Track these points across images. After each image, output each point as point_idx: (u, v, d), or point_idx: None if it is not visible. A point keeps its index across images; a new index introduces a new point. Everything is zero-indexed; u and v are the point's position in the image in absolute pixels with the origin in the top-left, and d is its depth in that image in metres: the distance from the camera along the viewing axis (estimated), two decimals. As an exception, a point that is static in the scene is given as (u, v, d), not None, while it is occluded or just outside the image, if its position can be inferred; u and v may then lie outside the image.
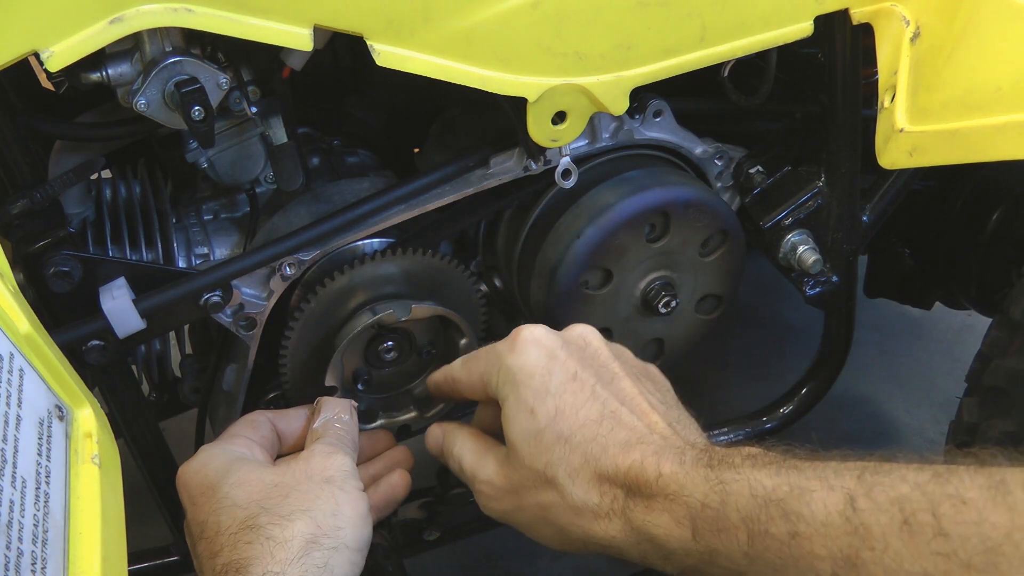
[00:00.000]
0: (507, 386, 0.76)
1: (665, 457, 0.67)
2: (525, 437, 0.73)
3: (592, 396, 0.73)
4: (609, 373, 0.76)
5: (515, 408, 0.74)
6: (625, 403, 0.73)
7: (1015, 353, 0.97)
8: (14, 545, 0.49)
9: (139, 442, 1.01)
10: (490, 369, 0.79)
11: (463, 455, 0.82)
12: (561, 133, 0.93)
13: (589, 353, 0.77)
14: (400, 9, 0.81)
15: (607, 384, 0.74)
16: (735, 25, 0.93)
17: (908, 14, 0.93)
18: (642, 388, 0.76)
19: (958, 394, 1.06)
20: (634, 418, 0.71)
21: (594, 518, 0.69)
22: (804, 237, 1.11)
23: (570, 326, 0.80)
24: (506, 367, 0.76)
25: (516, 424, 0.74)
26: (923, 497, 0.54)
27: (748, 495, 0.61)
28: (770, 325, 1.91)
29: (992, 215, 1.24)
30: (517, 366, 0.75)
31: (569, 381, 0.73)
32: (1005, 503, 0.51)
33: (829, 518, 0.57)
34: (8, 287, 0.62)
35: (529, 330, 0.77)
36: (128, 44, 0.81)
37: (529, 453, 0.72)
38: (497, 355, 0.78)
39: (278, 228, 0.99)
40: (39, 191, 0.85)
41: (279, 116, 0.98)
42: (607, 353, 0.78)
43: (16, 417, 0.54)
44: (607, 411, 0.72)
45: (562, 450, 0.71)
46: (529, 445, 0.72)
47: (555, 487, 0.71)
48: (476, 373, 0.81)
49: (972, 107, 0.87)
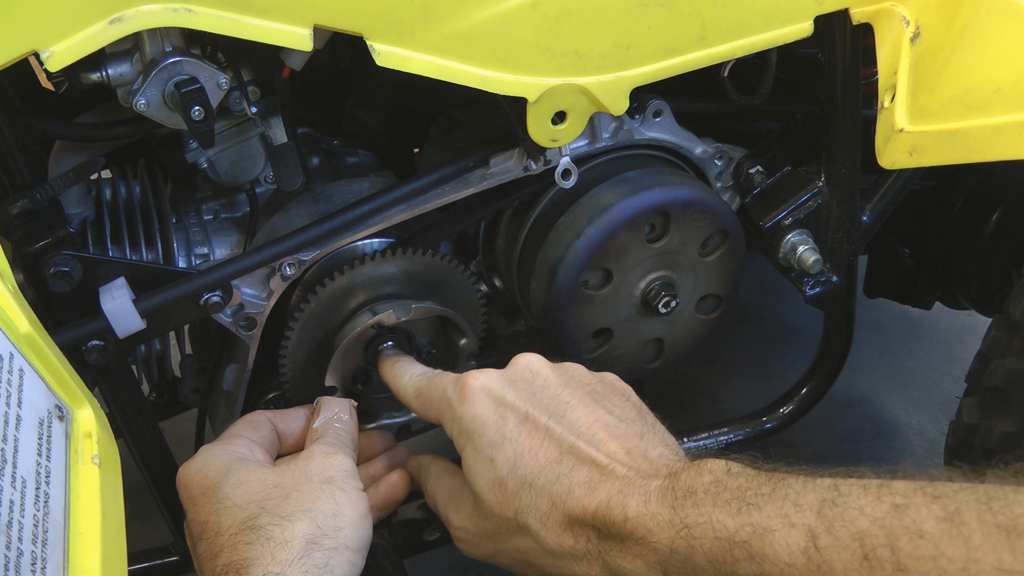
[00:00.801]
0: (462, 437, 0.75)
1: (630, 496, 0.66)
2: (490, 487, 0.72)
3: (547, 435, 0.71)
4: (561, 405, 0.74)
5: (474, 459, 0.74)
6: (581, 436, 0.71)
7: (1015, 353, 0.97)
8: (14, 545, 0.49)
9: (139, 442, 1.01)
10: (442, 416, 0.78)
11: (436, 494, 0.82)
12: (561, 133, 0.93)
13: (538, 386, 0.76)
14: (400, 9, 0.81)
15: (560, 418, 0.73)
16: (735, 25, 0.93)
17: (908, 14, 0.93)
18: (597, 412, 0.73)
19: (958, 394, 1.06)
20: (592, 450, 0.70)
21: (573, 560, 0.69)
22: (804, 237, 1.11)
23: (515, 357, 0.79)
24: (458, 418, 0.75)
25: (478, 475, 0.73)
26: (881, 532, 0.55)
27: (712, 538, 0.61)
28: (770, 325, 1.91)
29: (992, 215, 1.24)
30: (468, 416, 0.74)
31: (522, 423, 0.72)
32: (960, 535, 0.52)
33: (792, 557, 0.57)
34: (8, 287, 0.62)
35: (475, 377, 0.76)
36: (128, 44, 0.81)
37: (497, 502, 0.72)
38: (448, 404, 0.77)
39: (278, 228, 0.99)
40: (39, 191, 0.85)
41: (279, 116, 0.98)
42: (556, 381, 0.76)
43: (16, 417, 0.54)
44: (564, 448, 0.71)
45: (528, 496, 0.70)
46: (495, 494, 0.72)
47: (529, 533, 0.70)
48: (431, 413, 0.81)
49: (972, 107, 0.87)
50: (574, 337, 1.05)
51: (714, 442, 1.26)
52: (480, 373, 0.77)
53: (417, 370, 0.87)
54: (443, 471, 0.83)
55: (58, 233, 0.86)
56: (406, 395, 0.85)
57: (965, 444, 1.03)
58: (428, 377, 0.83)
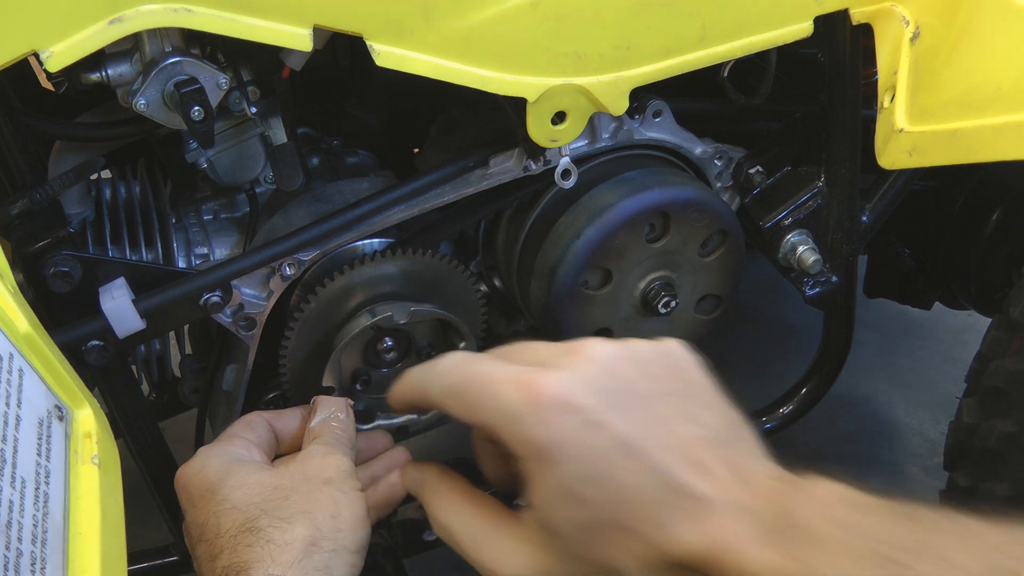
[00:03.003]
0: (534, 462, 0.59)
1: (742, 535, 0.56)
2: (577, 529, 0.59)
3: (650, 468, 0.58)
4: (655, 420, 0.60)
5: (555, 495, 0.59)
6: (683, 462, 0.59)
7: (1015, 353, 0.97)
8: (13, 545, 0.49)
9: (139, 442, 1.01)
10: (498, 427, 0.61)
11: (455, 528, 0.67)
12: (561, 133, 0.93)
13: (623, 392, 0.61)
14: (400, 9, 0.81)
15: (659, 440, 0.59)
16: (735, 25, 0.93)
17: (908, 14, 0.93)
18: (691, 427, 0.61)
19: (958, 394, 1.06)
20: (694, 477, 0.58)
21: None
22: (804, 237, 1.11)
23: (580, 346, 0.63)
24: (529, 440, 0.59)
25: (561, 514, 0.60)
26: None
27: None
28: (770, 325, 1.91)
29: (992, 215, 1.24)
30: (547, 440, 0.58)
31: (619, 453, 0.58)
32: None
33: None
34: (8, 287, 0.62)
35: (547, 381, 0.59)
36: (128, 44, 0.81)
37: (583, 545, 0.59)
38: (511, 416, 0.60)
39: (278, 228, 0.99)
40: (39, 191, 0.85)
41: (279, 116, 0.98)
42: (640, 382, 0.62)
43: (16, 417, 0.54)
44: (668, 480, 0.58)
45: (624, 539, 0.58)
46: (583, 536, 0.59)
47: (619, 574, 0.59)
48: (475, 417, 0.63)
49: (972, 107, 0.87)
50: (574, 337, 1.05)
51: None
52: (551, 375, 0.60)
53: (446, 361, 0.66)
54: (459, 496, 0.69)
55: (58, 233, 0.86)
56: (434, 390, 0.66)
57: (965, 444, 1.03)
58: (467, 368, 0.64)
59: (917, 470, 1.58)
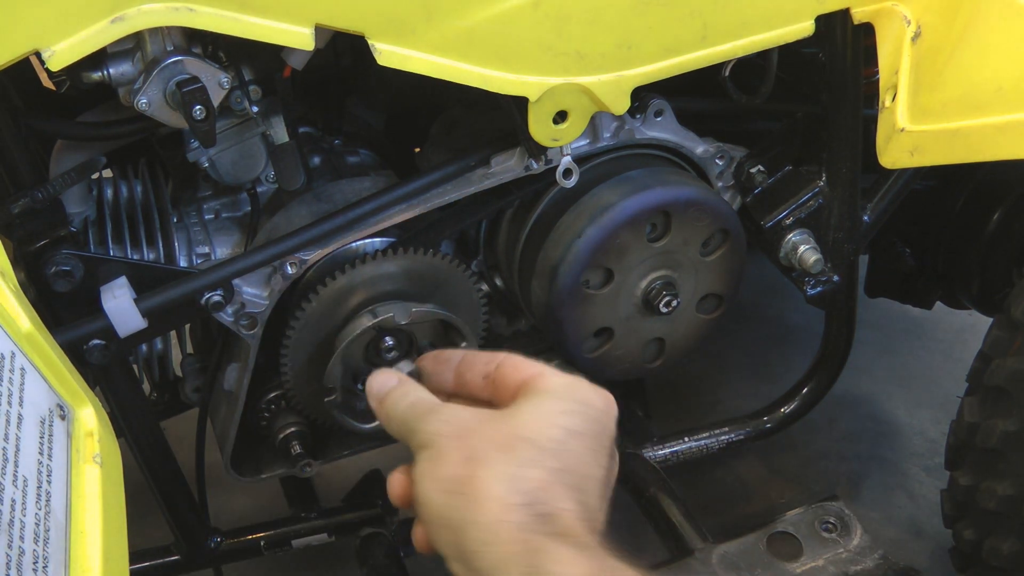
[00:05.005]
0: (456, 560, 0.62)
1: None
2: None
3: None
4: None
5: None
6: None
7: (1016, 353, 0.97)
8: (15, 544, 0.49)
9: (140, 441, 1.01)
10: (429, 502, 0.64)
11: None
12: (562, 132, 0.93)
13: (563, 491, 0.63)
14: (401, 8, 0.81)
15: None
16: (736, 25, 0.93)
17: (909, 14, 0.93)
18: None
19: (959, 394, 1.06)
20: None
21: None
22: (805, 236, 1.11)
23: (517, 417, 0.65)
24: (459, 527, 0.62)
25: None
26: None
27: None
28: (771, 325, 1.91)
29: (993, 215, 1.24)
30: (481, 545, 0.61)
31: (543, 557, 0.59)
32: None
33: None
34: (9, 286, 0.62)
35: (485, 478, 0.61)
36: (129, 43, 0.81)
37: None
38: (447, 495, 0.63)
39: (279, 227, 0.99)
40: (40, 190, 0.85)
41: (280, 115, 0.98)
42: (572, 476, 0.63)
43: (17, 416, 0.54)
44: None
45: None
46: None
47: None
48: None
49: (973, 106, 0.87)
50: (575, 336, 1.05)
51: (715, 442, 1.26)
52: (491, 466, 0.62)
53: (423, 399, 0.72)
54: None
55: (59, 232, 0.86)
56: (388, 422, 0.72)
57: (966, 443, 1.03)
58: (415, 421, 0.69)
59: (918, 470, 1.58)
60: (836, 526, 1.09)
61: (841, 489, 1.52)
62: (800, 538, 1.08)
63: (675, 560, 1.07)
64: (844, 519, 1.10)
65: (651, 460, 1.21)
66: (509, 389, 0.72)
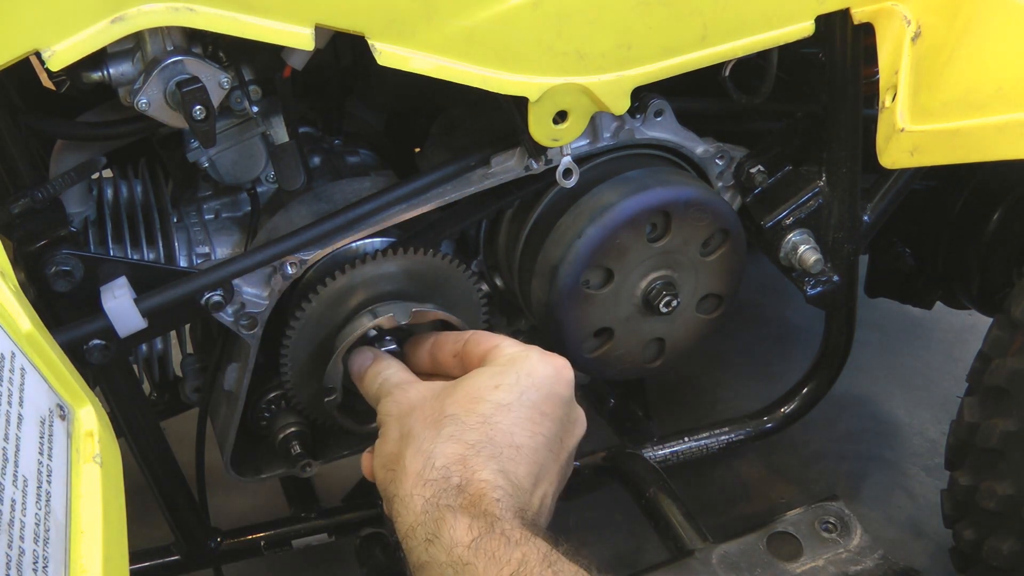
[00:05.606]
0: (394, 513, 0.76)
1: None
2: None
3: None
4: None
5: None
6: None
7: (1016, 353, 0.97)
8: (15, 544, 0.49)
9: (140, 441, 1.01)
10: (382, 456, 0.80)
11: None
12: (562, 132, 0.93)
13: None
14: (401, 8, 0.81)
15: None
16: (736, 25, 0.93)
17: (909, 13, 0.93)
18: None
19: (959, 394, 1.06)
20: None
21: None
22: (805, 236, 1.11)
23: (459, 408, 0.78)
24: (390, 497, 0.76)
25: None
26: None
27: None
28: (771, 325, 1.91)
29: (993, 215, 1.24)
30: (401, 509, 0.74)
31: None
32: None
33: None
34: (9, 286, 0.62)
35: (411, 460, 0.75)
36: (129, 43, 0.81)
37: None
38: (388, 466, 0.78)
39: (279, 227, 0.99)
40: (40, 190, 0.85)
41: (280, 115, 0.98)
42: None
43: (18, 416, 0.54)
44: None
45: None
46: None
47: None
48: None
49: (973, 106, 0.87)
50: (575, 336, 1.05)
51: (715, 442, 1.26)
52: (415, 443, 0.76)
53: (390, 378, 0.88)
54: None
55: (59, 232, 0.86)
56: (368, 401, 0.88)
57: (966, 443, 1.03)
58: (377, 401, 0.85)
59: (918, 470, 1.58)
60: (836, 526, 1.09)
61: (841, 489, 1.52)
62: (800, 538, 1.08)
63: (675, 560, 1.06)
64: (844, 519, 1.09)
65: (651, 460, 1.21)
66: (474, 364, 0.83)
